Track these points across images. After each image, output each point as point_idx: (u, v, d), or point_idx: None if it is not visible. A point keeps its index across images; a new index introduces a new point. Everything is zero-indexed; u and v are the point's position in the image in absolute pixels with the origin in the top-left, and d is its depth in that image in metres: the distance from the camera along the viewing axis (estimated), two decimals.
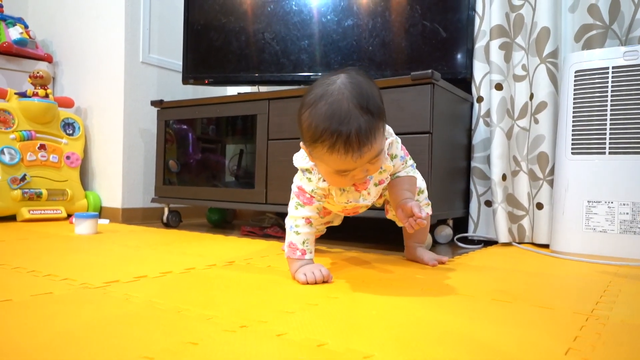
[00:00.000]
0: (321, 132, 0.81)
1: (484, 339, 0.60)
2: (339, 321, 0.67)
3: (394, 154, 1.00)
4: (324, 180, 0.95)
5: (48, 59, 2.38)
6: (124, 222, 2.13)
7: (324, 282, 0.91)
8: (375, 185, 0.99)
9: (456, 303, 0.79)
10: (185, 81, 2.04)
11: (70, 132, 2.23)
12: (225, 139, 2.08)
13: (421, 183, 1.15)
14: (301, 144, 0.93)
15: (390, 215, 1.18)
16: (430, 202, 1.19)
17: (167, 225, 2.04)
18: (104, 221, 2.03)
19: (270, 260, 1.18)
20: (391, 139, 0.98)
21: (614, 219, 1.28)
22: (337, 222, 1.28)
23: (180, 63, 2.09)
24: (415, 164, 1.09)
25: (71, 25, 2.37)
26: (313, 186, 0.96)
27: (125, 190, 2.17)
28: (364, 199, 1.00)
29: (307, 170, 0.97)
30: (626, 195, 1.26)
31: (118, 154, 2.17)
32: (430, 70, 1.38)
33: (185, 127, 2.08)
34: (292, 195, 1.00)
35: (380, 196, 1.14)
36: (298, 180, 1.00)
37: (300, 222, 0.97)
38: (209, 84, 2.02)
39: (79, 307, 0.72)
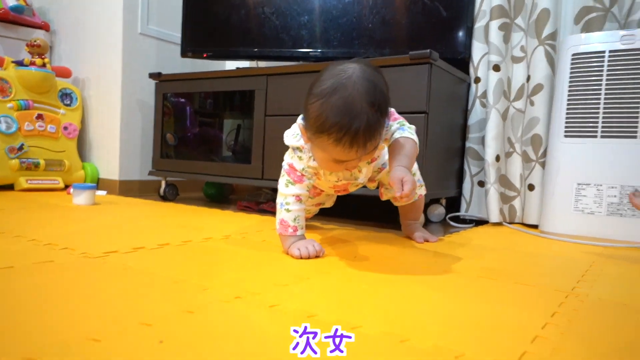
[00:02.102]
0: (331, 125, 0.81)
1: (466, 314, 0.63)
2: (330, 294, 0.70)
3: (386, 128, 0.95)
4: (314, 160, 0.96)
5: (45, 27, 2.36)
6: (121, 194, 2.15)
7: (316, 256, 0.94)
8: (368, 163, 1.01)
9: (443, 280, 0.82)
10: (183, 54, 2.03)
11: (68, 102, 2.23)
12: (223, 114, 2.08)
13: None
14: (300, 125, 0.93)
15: (385, 197, 1.20)
16: (423, 184, 1.21)
17: (164, 198, 2.07)
18: (101, 192, 2.05)
19: (265, 235, 1.21)
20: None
21: (602, 201, 1.30)
22: (328, 204, 1.30)
23: (180, 35, 2.07)
24: (413, 127, 0.98)
25: None
26: (304, 164, 0.98)
27: (122, 163, 2.19)
28: (355, 177, 1.02)
29: (297, 148, 0.99)
30: (614, 179, 1.29)
31: (115, 126, 2.18)
32: (428, 50, 1.38)
33: (183, 100, 2.08)
34: (283, 172, 1.01)
35: (373, 180, 1.16)
36: (289, 157, 1.01)
37: (290, 199, 0.98)
38: (208, 57, 2.01)
39: (79, 275, 0.75)
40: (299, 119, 0.96)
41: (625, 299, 0.73)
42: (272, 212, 1.76)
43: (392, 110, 0.98)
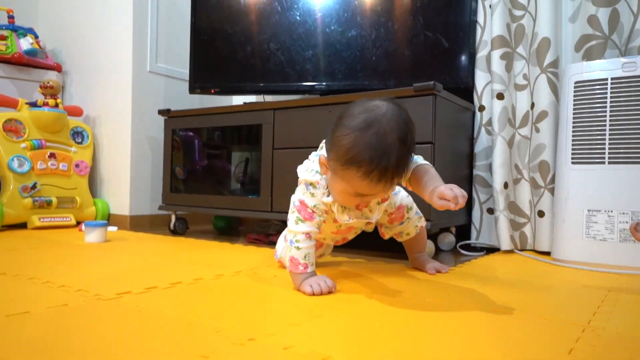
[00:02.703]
0: (362, 158, 0.83)
1: (484, 352, 0.63)
2: (343, 333, 0.70)
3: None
4: (328, 196, 0.97)
5: (57, 68, 2.43)
6: (131, 229, 2.17)
7: (329, 292, 0.94)
8: (378, 203, 1.02)
9: (457, 316, 0.81)
10: (192, 91, 2.07)
11: (80, 140, 2.28)
12: (231, 147, 2.11)
13: (408, 200, 1.17)
14: (322, 157, 0.94)
15: (387, 236, 1.21)
16: (422, 215, 1.21)
17: (174, 232, 2.08)
18: (112, 228, 2.06)
19: (275, 270, 1.21)
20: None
21: (613, 227, 1.30)
22: (327, 253, 1.31)
23: (187, 72, 2.12)
24: (420, 157, 1.02)
25: (80, 35, 2.42)
26: (316, 201, 0.98)
27: (133, 198, 2.21)
28: (367, 217, 1.03)
29: (311, 184, 0.99)
30: (625, 205, 1.28)
31: (126, 162, 2.21)
32: (432, 82, 1.40)
33: (191, 134, 2.11)
34: (293, 208, 1.01)
35: (369, 223, 1.15)
36: (300, 194, 1.01)
37: (300, 237, 0.98)
38: (215, 93, 2.05)
39: (93, 320, 0.75)
40: (315, 154, 0.98)
41: None
42: None
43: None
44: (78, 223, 2.10)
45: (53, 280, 1.02)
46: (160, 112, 2.10)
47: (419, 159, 1.00)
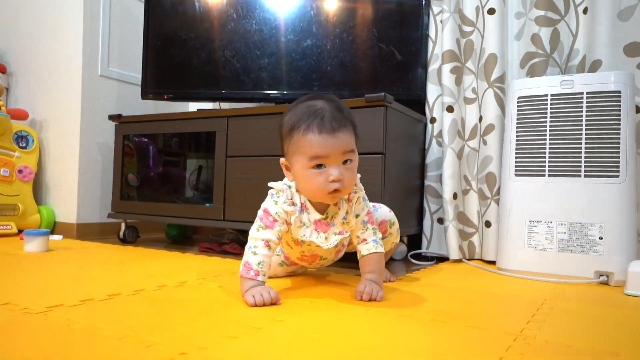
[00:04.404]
0: (298, 119, 0.95)
1: None
2: (280, 346, 0.69)
3: (358, 213, 1.06)
4: (290, 205, 1.01)
5: (2, 69, 2.32)
6: (78, 237, 2.08)
7: (272, 304, 0.93)
8: (335, 234, 1.04)
9: (398, 325, 0.82)
10: (144, 96, 2.03)
11: (24, 145, 2.18)
12: (185, 155, 2.08)
13: (390, 215, 1.20)
14: (281, 160, 1.03)
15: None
16: (398, 233, 1.23)
17: (124, 240, 2.01)
18: (57, 237, 1.98)
19: (222, 280, 1.19)
20: (360, 194, 1.05)
21: (552, 237, 1.35)
22: (298, 271, 1.30)
23: (140, 76, 2.07)
24: (379, 238, 1.08)
25: (27, 35, 2.32)
26: (278, 208, 1.01)
27: (80, 205, 2.13)
28: (320, 241, 1.02)
29: (277, 191, 1.03)
30: (563, 216, 1.34)
31: (74, 168, 2.13)
32: (382, 94, 1.43)
33: (145, 140, 2.06)
34: (257, 219, 1.03)
35: (338, 252, 1.17)
36: (265, 203, 1.04)
37: (259, 243, 0.99)
38: (169, 99, 2.01)
39: (16, 336, 0.71)
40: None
41: (570, 341, 0.75)
42: (235, 254, 1.74)
43: (371, 211, 1.09)
44: (20, 231, 2.00)
45: None
46: (111, 118, 2.04)
47: (377, 243, 1.05)
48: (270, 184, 1.06)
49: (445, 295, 1.08)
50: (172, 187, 2.07)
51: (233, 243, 1.85)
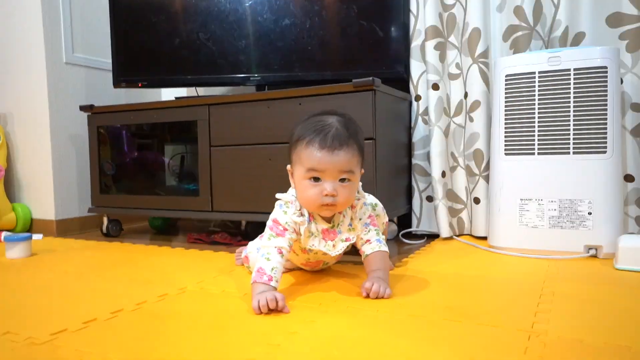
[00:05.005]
0: (305, 131, 0.99)
1: None
2: None
3: (360, 217, 1.07)
4: (299, 216, 1.03)
5: None
6: (59, 235, 2.02)
7: (278, 310, 0.92)
8: (342, 241, 1.06)
9: (412, 329, 0.83)
10: (116, 84, 1.93)
11: None
12: (165, 144, 2.01)
13: (372, 198, 1.19)
14: (288, 166, 1.06)
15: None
16: (384, 213, 1.22)
17: (108, 235, 1.96)
18: (37, 236, 1.91)
19: (222, 282, 1.18)
20: (363, 200, 1.08)
21: (543, 215, 1.38)
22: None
23: (111, 62, 1.96)
24: (383, 239, 1.10)
25: None
26: (288, 218, 1.03)
27: (58, 201, 2.05)
28: (328, 249, 1.04)
29: (286, 203, 1.05)
30: (553, 193, 1.37)
31: (47, 162, 2.04)
32: (371, 78, 1.39)
33: (118, 125, 1.97)
34: (266, 229, 1.04)
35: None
36: (274, 213, 1.05)
37: (272, 250, 0.99)
38: (143, 86, 1.92)
39: None
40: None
41: (579, 334, 0.77)
42: (225, 244, 1.72)
43: (372, 214, 1.11)
44: None
45: None
46: (82, 108, 1.94)
47: (380, 243, 1.07)
48: (278, 196, 1.07)
49: (449, 285, 1.10)
50: (153, 179, 2.00)
51: (223, 233, 1.83)
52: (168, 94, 2.41)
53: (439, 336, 0.79)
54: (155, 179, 1.98)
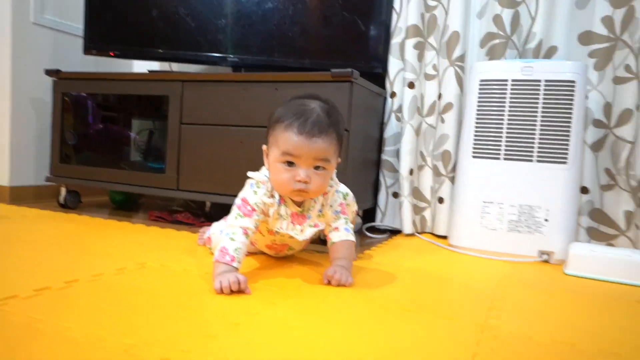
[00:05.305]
0: (285, 114, 0.97)
1: (397, 354, 0.66)
2: (262, 347, 0.69)
3: (331, 204, 1.08)
4: (270, 197, 1.02)
5: None
6: (12, 202, 1.93)
7: (239, 291, 0.92)
8: (311, 226, 1.06)
9: (371, 317, 0.85)
10: (87, 51, 1.86)
11: None
12: (133, 118, 1.95)
13: (354, 206, 1.20)
14: (264, 146, 1.04)
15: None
16: (354, 202, 1.23)
17: (65, 206, 1.90)
18: None
19: (184, 261, 1.16)
20: (335, 187, 1.08)
21: (503, 218, 1.43)
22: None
23: (81, 27, 1.89)
24: (351, 227, 1.11)
25: None
26: (257, 199, 1.02)
27: (13, 166, 1.97)
28: (296, 234, 1.05)
29: (257, 183, 1.04)
30: (514, 198, 1.42)
31: (4, 126, 1.95)
32: (350, 70, 1.40)
33: (85, 95, 1.90)
34: (234, 208, 1.03)
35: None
36: (244, 192, 1.05)
37: (237, 230, 0.99)
38: (115, 56, 1.86)
39: None
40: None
41: (528, 331, 0.81)
42: (188, 224, 1.70)
43: (343, 202, 1.11)
44: None
45: None
46: (49, 73, 1.86)
47: (348, 232, 1.09)
48: (249, 174, 1.06)
49: (409, 279, 1.12)
50: (118, 152, 1.95)
51: (186, 212, 1.80)
52: (140, 66, 2.34)
53: (396, 325, 0.80)
54: (120, 153, 1.92)
